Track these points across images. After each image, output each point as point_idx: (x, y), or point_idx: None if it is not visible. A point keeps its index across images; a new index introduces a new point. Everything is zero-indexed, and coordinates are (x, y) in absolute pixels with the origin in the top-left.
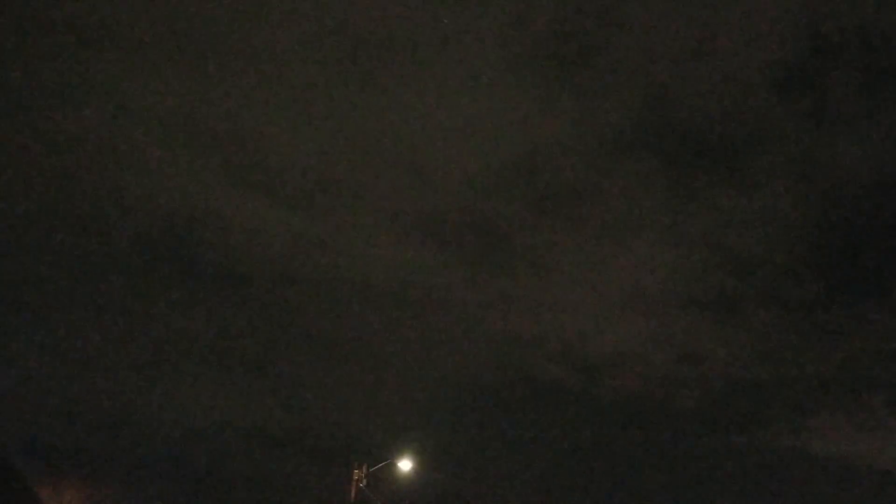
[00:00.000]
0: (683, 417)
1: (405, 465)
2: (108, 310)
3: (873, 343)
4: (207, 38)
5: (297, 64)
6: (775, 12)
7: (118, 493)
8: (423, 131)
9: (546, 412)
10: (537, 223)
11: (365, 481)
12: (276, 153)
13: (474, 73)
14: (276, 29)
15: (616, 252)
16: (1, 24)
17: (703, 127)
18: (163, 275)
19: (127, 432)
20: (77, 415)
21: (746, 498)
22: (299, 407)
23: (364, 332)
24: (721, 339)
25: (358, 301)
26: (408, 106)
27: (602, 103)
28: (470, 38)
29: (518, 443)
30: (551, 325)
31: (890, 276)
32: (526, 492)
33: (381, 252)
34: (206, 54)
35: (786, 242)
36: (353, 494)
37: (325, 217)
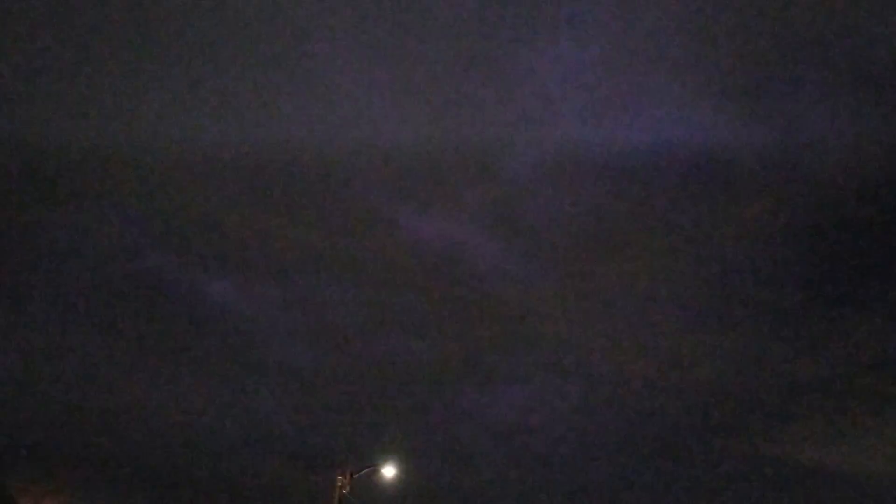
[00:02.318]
0: (667, 424)
1: (389, 471)
2: (95, 315)
3: (855, 351)
4: (202, 43)
5: (294, 73)
6: (754, 20)
7: (99, 499)
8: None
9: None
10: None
11: (348, 487)
12: (271, 161)
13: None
14: (271, 36)
15: (600, 259)
16: (4, 34)
17: (684, 138)
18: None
19: (108, 438)
20: (58, 420)
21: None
22: (284, 412)
23: (351, 339)
24: (704, 347)
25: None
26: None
27: None
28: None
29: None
30: (536, 331)
31: (872, 285)
32: (510, 497)
33: (367, 257)
34: (203, 61)
35: (768, 251)
36: (336, 501)
37: (317, 224)
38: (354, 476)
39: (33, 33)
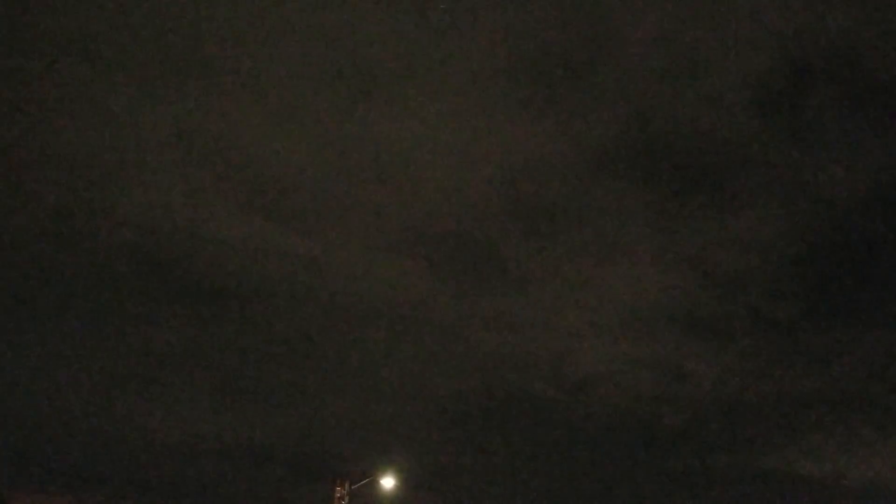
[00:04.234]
0: (669, 437)
1: (388, 482)
2: (92, 324)
3: (859, 362)
4: (204, 55)
5: (290, 81)
6: (756, 33)
7: None
8: (411, 149)
9: (532, 430)
10: (524, 241)
11: (347, 498)
12: (267, 169)
13: (462, 94)
14: (270, 47)
15: (602, 271)
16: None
17: (687, 147)
18: (148, 289)
19: (106, 447)
20: (56, 429)
21: None
22: (282, 422)
23: (349, 348)
24: (706, 359)
25: (343, 317)
26: (397, 124)
27: (587, 122)
28: (458, 59)
29: (503, 460)
30: (537, 343)
31: (875, 295)
32: None
33: (367, 268)
34: (203, 71)
35: (770, 262)
36: None
37: (313, 233)
38: (353, 487)
39: None
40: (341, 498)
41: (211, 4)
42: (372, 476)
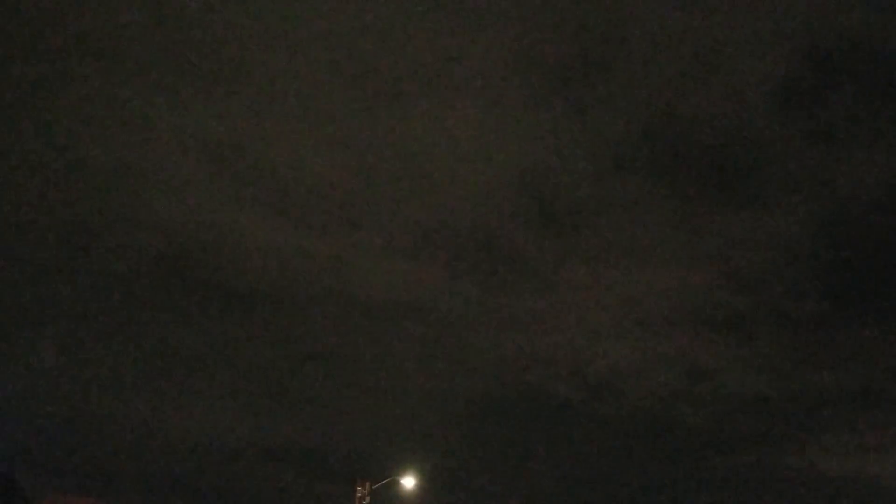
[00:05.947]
0: (691, 435)
1: (409, 482)
2: (116, 326)
3: (881, 359)
4: (227, 61)
5: (308, 84)
6: (775, 30)
7: None
8: (429, 150)
9: (552, 430)
10: (544, 241)
11: (368, 498)
12: (288, 173)
13: (479, 93)
14: (290, 52)
15: (623, 269)
16: (25, 47)
17: (706, 145)
18: (170, 291)
19: (130, 448)
20: (80, 430)
21: None
22: (304, 423)
23: (370, 349)
24: (728, 357)
25: (363, 318)
26: (416, 125)
27: (606, 121)
28: (474, 59)
29: (523, 460)
30: (558, 343)
31: None
32: None
33: (387, 269)
34: (226, 78)
35: (791, 259)
36: None
37: (333, 234)
38: (374, 487)
39: None
40: (362, 498)
41: (233, 11)
42: (392, 476)
